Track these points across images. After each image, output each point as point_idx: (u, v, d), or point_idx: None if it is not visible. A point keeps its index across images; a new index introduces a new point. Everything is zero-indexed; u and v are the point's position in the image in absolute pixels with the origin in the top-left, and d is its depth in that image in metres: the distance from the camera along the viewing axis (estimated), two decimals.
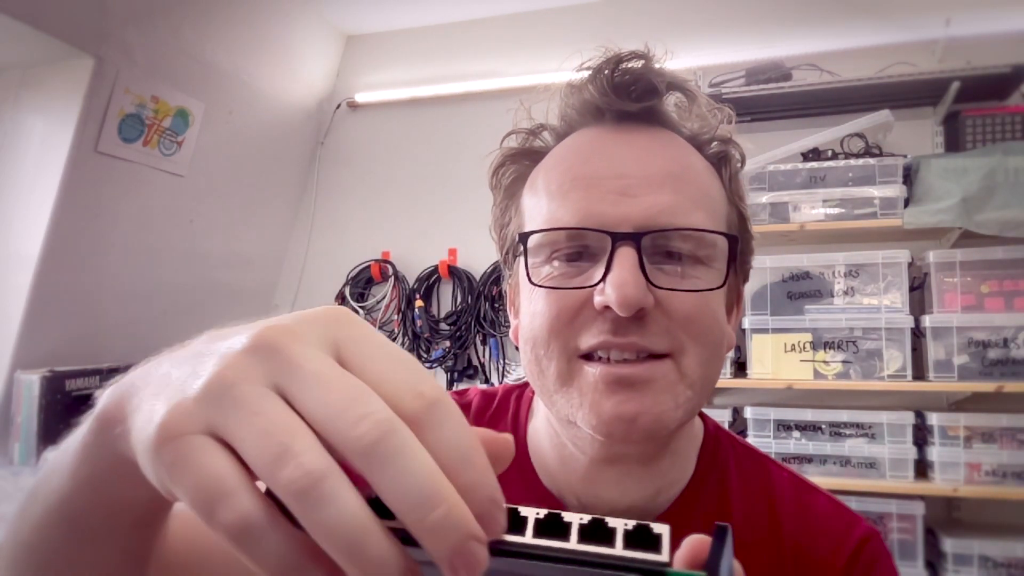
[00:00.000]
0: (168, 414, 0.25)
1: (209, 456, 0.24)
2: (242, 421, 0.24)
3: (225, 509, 0.23)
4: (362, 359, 0.26)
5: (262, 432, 0.23)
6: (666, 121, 0.60)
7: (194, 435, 0.24)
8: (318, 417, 0.24)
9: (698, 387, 0.54)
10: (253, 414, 0.24)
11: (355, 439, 0.23)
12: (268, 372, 0.25)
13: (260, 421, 0.24)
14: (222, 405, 0.24)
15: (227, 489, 0.23)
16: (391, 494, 0.23)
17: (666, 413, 0.53)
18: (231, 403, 0.24)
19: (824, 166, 2.09)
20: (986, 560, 1.85)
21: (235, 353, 0.26)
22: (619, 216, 0.53)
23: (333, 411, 0.24)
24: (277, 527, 0.23)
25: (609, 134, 0.59)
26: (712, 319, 0.55)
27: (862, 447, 1.96)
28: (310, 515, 0.23)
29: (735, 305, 0.63)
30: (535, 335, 0.56)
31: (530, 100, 0.64)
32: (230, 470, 0.24)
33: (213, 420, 0.24)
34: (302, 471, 0.23)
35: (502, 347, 2.64)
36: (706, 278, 0.55)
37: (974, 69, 2.02)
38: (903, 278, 1.99)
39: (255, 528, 0.23)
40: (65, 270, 2.09)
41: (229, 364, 0.25)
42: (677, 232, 0.53)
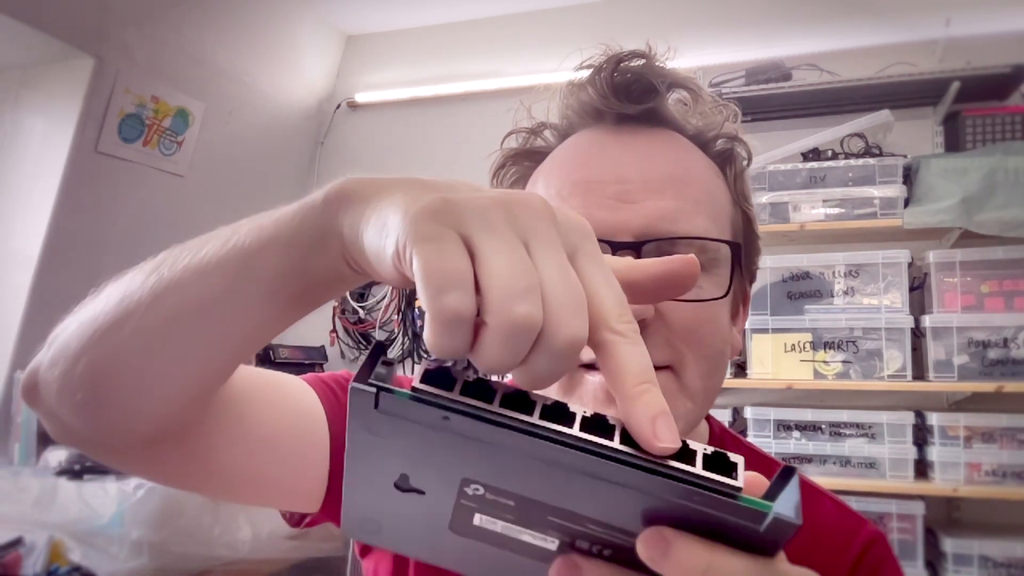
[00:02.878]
0: (441, 200, 0.27)
1: (459, 251, 0.26)
2: (498, 246, 0.26)
3: (452, 296, 0.25)
4: (594, 277, 0.28)
5: (514, 265, 0.26)
6: (668, 121, 0.58)
7: (446, 227, 0.27)
8: (551, 293, 0.26)
9: (699, 399, 0.54)
10: (511, 248, 0.26)
11: (564, 337, 0.25)
12: (524, 228, 0.27)
13: (515, 257, 0.26)
14: (484, 222, 0.27)
15: (461, 282, 0.25)
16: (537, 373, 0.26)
17: None
18: (491, 224, 0.27)
19: (824, 166, 2.09)
20: (986, 560, 1.85)
21: (509, 195, 0.29)
22: (618, 224, 0.52)
23: (565, 300, 0.26)
24: (472, 326, 0.26)
25: (608, 136, 0.57)
26: (714, 329, 0.54)
27: (862, 447, 1.96)
28: (516, 352, 0.25)
29: (741, 309, 0.62)
30: None
31: (531, 100, 0.63)
32: (469, 271, 0.26)
33: (473, 231, 0.27)
34: (537, 312, 0.25)
35: None
36: (708, 286, 0.53)
37: (974, 69, 2.02)
38: (903, 278, 1.99)
39: (464, 322, 0.25)
40: (65, 270, 2.09)
41: (502, 199, 0.28)
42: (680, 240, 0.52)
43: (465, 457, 0.26)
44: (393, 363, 0.27)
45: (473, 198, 0.28)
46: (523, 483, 0.27)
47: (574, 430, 0.25)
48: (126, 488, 1.64)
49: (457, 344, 0.26)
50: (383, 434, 0.26)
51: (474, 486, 0.28)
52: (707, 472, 0.25)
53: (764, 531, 0.25)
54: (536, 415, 0.25)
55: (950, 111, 2.17)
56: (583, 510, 0.27)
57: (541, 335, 0.25)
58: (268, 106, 2.69)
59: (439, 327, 0.25)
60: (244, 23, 2.45)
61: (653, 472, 0.25)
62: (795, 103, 2.26)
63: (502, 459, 0.26)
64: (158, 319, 0.38)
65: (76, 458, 1.78)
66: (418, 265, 0.26)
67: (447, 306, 0.25)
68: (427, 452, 0.27)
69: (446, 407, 0.25)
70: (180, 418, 0.43)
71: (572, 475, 0.25)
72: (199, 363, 0.40)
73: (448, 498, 0.29)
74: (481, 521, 0.30)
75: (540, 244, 0.27)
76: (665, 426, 0.26)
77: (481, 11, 2.79)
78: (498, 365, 0.26)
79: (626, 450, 0.25)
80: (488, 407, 0.25)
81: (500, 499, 0.28)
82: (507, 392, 0.26)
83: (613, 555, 0.29)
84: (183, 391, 0.41)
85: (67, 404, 0.41)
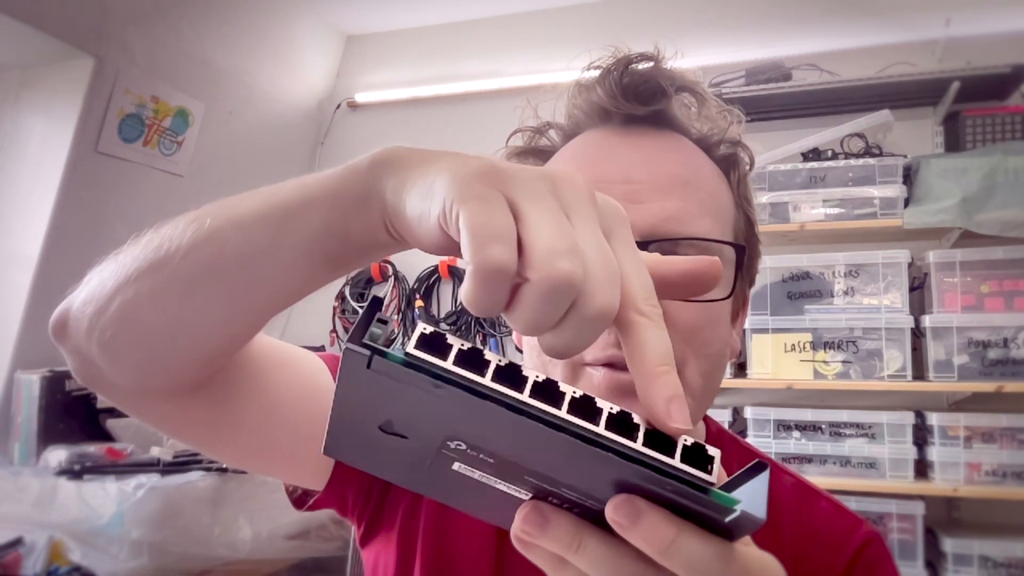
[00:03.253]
0: (489, 165, 0.29)
1: (505, 209, 0.27)
2: (543, 211, 0.28)
3: (496, 249, 0.26)
4: (625, 259, 0.29)
5: (557, 226, 0.27)
6: (674, 123, 0.59)
7: (494, 189, 0.28)
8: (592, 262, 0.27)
9: (699, 396, 0.54)
10: (555, 213, 0.28)
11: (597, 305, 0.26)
12: (567, 202, 0.29)
13: (559, 220, 0.27)
14: (529, 189, 0.28)
15: (506, 237, 0.26)
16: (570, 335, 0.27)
17: None
18: (537, 192, 0.28)
19: (824, 166, 2.09)
20: (986, 560, 1.85)
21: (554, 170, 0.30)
22: None
23: (599, 270, 0.27)
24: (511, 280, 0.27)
25: (616, 137, 0.58)
26: (715, 330, 0.54)
27: (862, 447, 1.96)
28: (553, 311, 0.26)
29: (740, 311, 0.62)
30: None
31: (537, 99, 0.63)
32: (513, 228, 0.27)
33: (519, 195, 0.28)
34: (580, 271, 0.26)
35: (502, 347, 2.64)
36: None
37: (974, 69, 2.02)
38: (903, 278, 1.99)
39: (505, 276, 0.26)
40: (65, 270, 2.09)
41: (548, 172, 0.30)
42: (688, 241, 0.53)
43: (450, 419, 0.27)
44: (388, 321, 0.28)
45: (520, 168, 0.30)
46: (504, 448, 0.28)
47: (562, 411, 0.26)
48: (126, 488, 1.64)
49: (495, 299, 0.27)
50: (373, 387, 0.27)
51: (456, 442, 0.28)
52: (683, 464, 0.26)
53: (728, 523, 0.26)
54: (526, 392, 0.26)
55: (950, 111, 2.17)
56: (560, 476, 0.28)
57: (576, 300, 0.26)
58: (268, 106, 2.69)
59: (480, 279, 0.26)
60: (244, 23, 2.45)
61: (632, 460, 0.26)
62: (795, 103, 2.26)
63: (487, 427, 0.26)
64: (196, 266, 0.39)
65: (76, 458, 1.78)
66: (464, 220, 0.27)
67: (490, 257, 0.26)
68: (414, 409, 0.27)
69: (438, 375, 0.25)
70: (203, 370, 0.45)
71: (553, 450, 0.26)
72: (229, 314, 0.41)
73: (430, 447, 0.29)
74: (460, 468, 0.30)
75: (581, 217, 0.29)
76: (679, 408, 0.27)
77: (481, 11, 2.79)
78: (533, 324, 0.27)
79: (609, 435, 0.26)
80: (479, 380, 0.26)
81: (480, 455, 0.29)
82: (499, 365, 0.26)
83: (581, 514, 0.30)
84: (210, 340, 0.42)
85: (96, 342, 0.43)
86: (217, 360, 0.45)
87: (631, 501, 0.27)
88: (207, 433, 0.53)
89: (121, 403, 0.49)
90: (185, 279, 0.40)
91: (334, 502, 0.63)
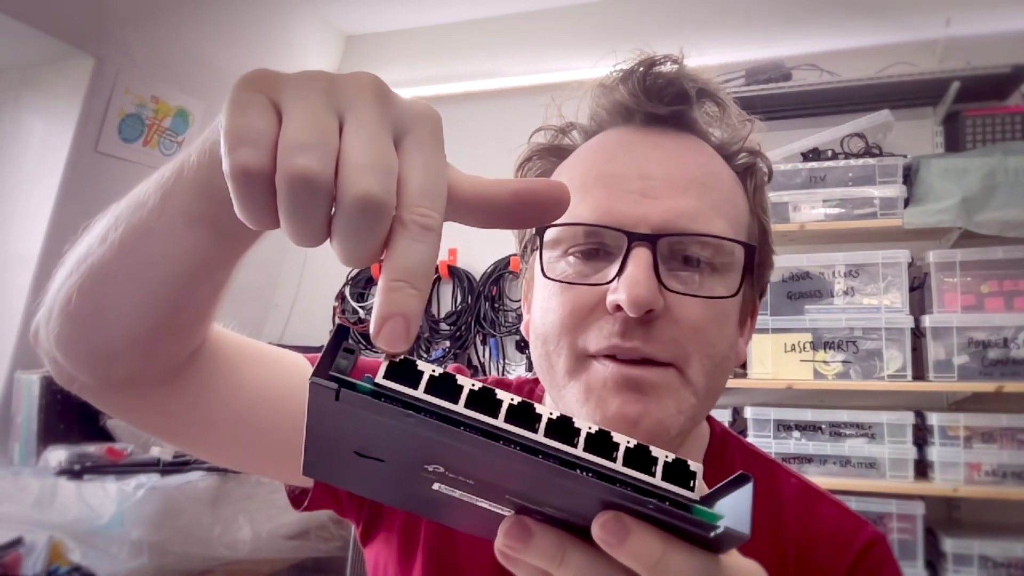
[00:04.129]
0: (260, 70, 0.28)
1: (262, 112, 0.26)
2: (299, 109, 0.26)
3: (241, 152, 0.25)
4: (410, 158, 0.28)
5: (307, 123, 0.26)
6: (695, 127, 0.59)
7: (260, 93, 0.27)
8: (348, 151, 0.26)
9: (702, 395, 0.54)
10: (311, 110, 0.26)
11: (356, 193, 0.25)
12: (343, 99, 0.28)
13: (312, 116, 0.26)
14: (297, 91, 0.27)
15: (254, 140, 0.26)
16: (337, 235, 0.26)
17: (669, 418, 0.52)
18: (302, 92, 0.27)
19: (824, 166, 2.09)
20: (986, 560, 1.85)
21: (340, 74, 0.29)
22: (637, 216, 0.53)
23: (358, 158, 0.26)
24: (267, 185, 0.25)
25: (637, 135, 0.58)
26: (720, 331, 0.54)
27: (862, 447, 1.96)
28: (300, 209, 0.25)
29: (749, 319, 0.62)
30: (546, 331, 0.55)
31: (561, 98, 0.64)
32: (268, 130, 0.26)
33: (283, 97, 0.27)
34: (316, 164, 0.25)
35: (502, 347, 2.64)
36: (720, 288, 0.54)
37: (974, 69, 2.02)
38: (903, 278, 1.99)
39: (253, 179, 0.25)
40: None
41: (330, 75, 0.28)
42: (695, 237, 0.53)
43: (427, 447, 0.26)
44: (355, 351, 0.27)
45: (299, 72, 0.29)
46: (483, 473, 0.27)
47: (539, 435, 0.25)
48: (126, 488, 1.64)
49: (257, 209, 0.26)
50: (344, 417, 0.26)
51: (434, 466, 0.28)
52: (664, 482, 0.26)
53: (713, 539, 0.26)
54: (501, 417, 0.25)
55: (950, 111, 2.17)
56: (542, 497, 0.28)
57: (336, 195, 0.26)
58: None
59: (232, 187, 0.26)
60: (244, 23, 2.45)
61: (612, 481, 0.25)
62: (795, 103, 2.26)
63: (464, 454, 0.26)
64: (109, 250, 0.41)
65: (76, 458, 1.78)
66: (221, 128, 0.26)
67: (235, 161, 0.25)
68: (388, 437, 0.27)
69: (409, 405, 0.25)
70: (150, 358, 0.46)
71: (534, 475, 0.26)
72: (142, 291, 0.42)
73: (408, 469, 0.29)
74: (440, 488, 0.30)
75: (354, 115, 0.27)
76: (391, 329, 0.25)
77: (481, 11, 2.79)
78: (289, 229, 0.26)
79: (588, 457, 0.25)
80: (452, 408, 0.25)
81: (460, 477, 0.28)
82: (472, 390, 0.26)
83: (565, 526, 0.29)
84: (136, 321, 0.44)
85: (54, 341, 0.46)
86: (161, 347, 0.46)
87: (618, 519, 0.26)
88: (185, 429, 0.54)
89: (96, 400, 0.50)
90: (100, 264, 0.42)
91: (329, 502, 0.63)
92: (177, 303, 0.43)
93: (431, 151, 0.28)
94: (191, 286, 0.42)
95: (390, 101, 0.28)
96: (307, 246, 0.27)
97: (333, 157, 0.26)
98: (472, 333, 2.65)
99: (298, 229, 0.26)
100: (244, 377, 0.53)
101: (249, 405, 0.53)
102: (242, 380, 0.53)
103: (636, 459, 0.26)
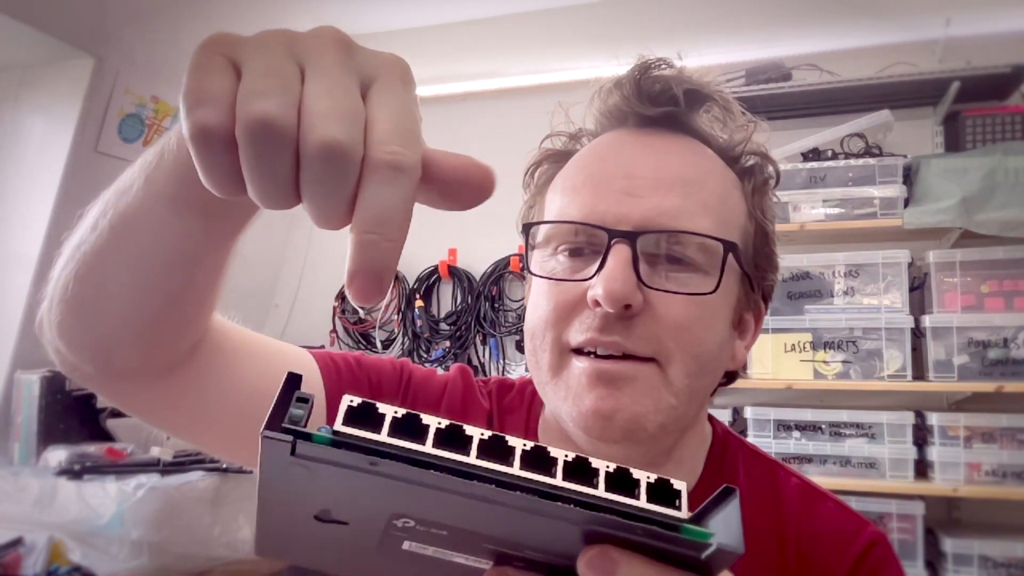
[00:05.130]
0: (220, 33, 0.27)
1: (220, 72, 0.26)
2: (260, 65, 0.26)
3: (199, 113, 0.24)
4: (378, 101, 0.27)
5: (265, 73, 0.25)
6: (691, 129, 0.60)
7: (219, 55, 0.26)
8: (309, 99, 0.25)
9: (683, 397, 0.54)
10: (270, 62, 0.26)
11: (319, 140, 0.24)
12: (304, 50, 0.27)
13: (270, 68, 0.25)
14: (256, 49, 0.26)
15: (213, 99, 0.25)
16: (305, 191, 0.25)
17: (644, 415, 0.52)
18: (262, 49, 0.26)
19: (824, 166, 2.09)
20: (986, 560, 1.85)
21: (301, 31, 0.28)
22: (620, 214, 0.53)
23: (319, 104, 0.25)
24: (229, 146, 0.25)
25: (629, 137, 0.59)
26: (707, 330, 0.54)
27: (862, 447, 1.96)
28: (261, 160, 0.24)
29: (754, 323, 0.62)
30: (533, 326, 0.57)
31: (568, 103, 0.65)
32: (226, 90, 0.25)
33: (243, 56, 0.26)
34: (276, 109, 0.24)
35: (502, 347, 2.64)
36: (705, 287, 0.54)
37: (974, 69, 2.02)
38: (903, 278, 1.99)
39: (212, 138, 0.24)
40: None
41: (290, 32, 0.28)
42: (675, 235, 0.53)
43: (394, 497, 0.25)
44: (309, 399, 0.25)
45: (264, 32, 0.28)
46: (458, 518, 0.26)
47: (513, 468, 0.24)
48: (126, 488, 1.64)
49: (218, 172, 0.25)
50: (301, 477, 0.24)
51: (404, 520, 0.26)
52: (650, 504, 0.25)
53: (706, 559, 0.25)
54: (472, 454, 0.24)
55: (950, 111, 2.17)
56: (521, 539, 0.26)
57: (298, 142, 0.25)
58: None
59: (194, 150, 0.25)
60: (244, 23, 2.45)
61: (594, 509, 0.24)
62: (795, 103, 2.26)
63: (436, 499, 0.24)
64: (100, 237, 0.42)
65: (76, 458, 1.78)
66: (182, 90, 0.26)
67: (194, 122, 0.24)
68: (352, 492, 0.25)
69: (374, 451, 0.23)
70: (150, 347, 0.46)
71: (512, 514, 0.24)
72: (134, 277, 0.43)
73: (374, 529, 0.27)
74: (411, 547, 0.28)
75: (315, 65, 0.26)
76: (362, 287, 0.24)
77: (481, 11, 2.78)
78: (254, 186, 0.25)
79: (567, 487, 0.24)
80: (420, 449, 0.23)
81: (432, 530, 0.27)
82: (439, 428, 0.24)
83: (549, 573, 0.28)
84: (132, 308, 0.44)
85: (55, 329, 0.46)
86: (160, 336, 0.46)
87: (603, 553, 0.25)
88: (188, 421, 0.54)
89: (99, 390, 0.50)
90: (93, 251, 0.42)
91: None
92: (171, 289, 0.43)
93: (400, 93, 0.27)
94: (184, 271, 0.43)
95: (354, 49, 0.28)
96: (276, 207, 0.26)
97: (294, 103, 0.25)
98: (472, 333, 2.65)
99: (263, 185, 0.25)
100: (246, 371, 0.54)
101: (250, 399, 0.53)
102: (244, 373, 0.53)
103: (617, 483, 0.25)
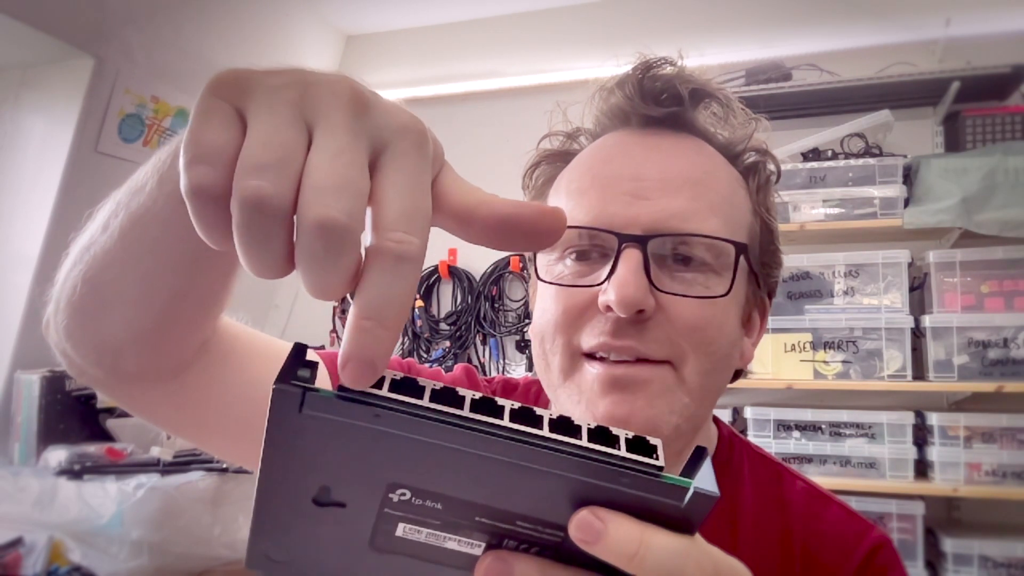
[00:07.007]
0: (231, 73, 0.26)
1: (224, 124, 0.24)
2: (265, 125, 0.24)
3: (195, 171, 0.23)
4: (387, 176, 0.25)
5: (267, 140, 0.24)
6: (694, 128, 0.59)
7: (226, 101, 0.25)
8: (310, 170, 0.23)
9: (697, 396, 0.54)
10: (275, 124, 0.24)
11: (314, 217, 0.23)
12: (314, 109, 0.25)
13: (273, 132, 0.24)
14: (265, 101, 0.25)
15: (212, 156, 0.24)
16: (300, 264, 0.24)
17: (660, 417, 0.52)
18: (271, 104, 0.25)
19: (824, 166, 2.09)
20: (986, 560, 1.85)
21: (316, 76, 0.26)
22: (629, 217, 0.53)
23: (319, 178, 0.23)
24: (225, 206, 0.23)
25: (634, 138, 0.59)
26: (718, 330, 0.54)
27: (862, 447, 1.96)
28: (255, 234, 0.23)
29: (760, 320, 0.62)
30: (543, 330, 0.56)
31: (567, 102, 0.65)
32: (228, 145, 0.24)
33: (250, 106, 0.25)
34: (269, 189, 0.23)
35: (502, 347, 2.64)
36: (717, 287, 0.54)
37: (974, 69, 2.02)
38: (903, 278, 1.99)
39: (207, 198, 0.23)
40: None
41: (304, 79, 0.26)
42: (686, 237, 0.53)
43: (393, 458, 0.26)
44: (315, 365, 0.25)
45: (273, 74, 0.26)
46: (452, 482, 0.27)
47: (504, 421, 0.26)
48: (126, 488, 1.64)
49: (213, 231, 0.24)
50: (305, 440, 0.25)
51: (400, 491, 0.27)
52: (631, 454, 0.26)
53: (686, 506, 0.26)
54: (466, 409, 0.26)
55: (950, 111, 2.17)
56: (513, 506, 0.27)
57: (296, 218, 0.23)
58: None
59: (189, 206, 0.24)
60: (244, 23, 2.45)
61: (580, 456, 0.25)
62: (795, 103, 2.26)
63: (432, 457, 0.25)
64: (111, 238, 0.41)
65: (76, 458, 1.78)
66: (185, 134, 0.25)
67: (189, 179, 0.23)
68: (352, 456, 0.26)
69: (376, 404, 0.24)
70: (158, 351, 0.46)
71: (502, 468, 0.26)
72: (151, 275, 0.42)
73: (371, 508, 0.28)
74: (404, 532, 0.29)
75: (324, 128, 0.25)
76: (355, 372, 0.24)
77: (481, 11, 2.78)
78: (245, 257, 0.24)
79: (555, 437, 0.26)
80: (418, 403, 0.25)
81: (427, 503, 0.27)
82: (435, 389, 0.26)
83: (541, 552, 0.29)
84: (141, 310, 0.43)
85: (62, 332, 0.46)
86: (168, 338, 0.46)
87: (592, 513, 0.26)
88: (195, 424, 0.54)
89: (106, 393, 0.50)
90: (103, 252, 0.42)
91: None
92: (181, 291, 0.43)
93: (412, 167, 0.25)
94: (194, 273, 0.42)
95: (367, 111, 0.26)
96: (266, 277, 0.25)
97: (293, 178, 0.23)
98: (472, 333, 2.65)
99: (253, 258, 0.24)
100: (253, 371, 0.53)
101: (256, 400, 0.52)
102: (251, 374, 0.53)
103: (599, 438, 0.26)
